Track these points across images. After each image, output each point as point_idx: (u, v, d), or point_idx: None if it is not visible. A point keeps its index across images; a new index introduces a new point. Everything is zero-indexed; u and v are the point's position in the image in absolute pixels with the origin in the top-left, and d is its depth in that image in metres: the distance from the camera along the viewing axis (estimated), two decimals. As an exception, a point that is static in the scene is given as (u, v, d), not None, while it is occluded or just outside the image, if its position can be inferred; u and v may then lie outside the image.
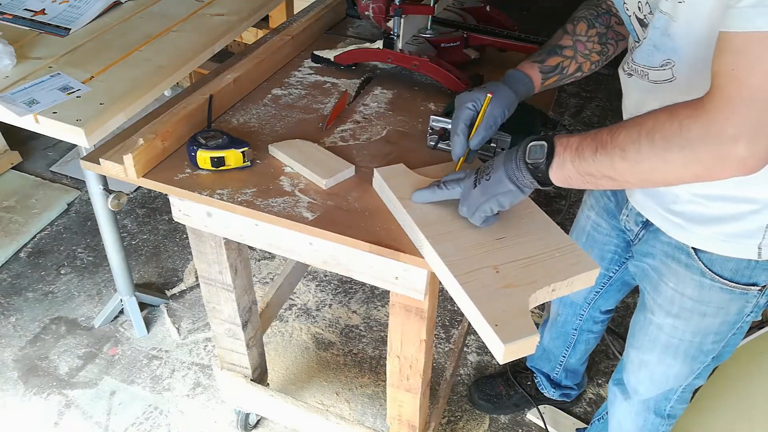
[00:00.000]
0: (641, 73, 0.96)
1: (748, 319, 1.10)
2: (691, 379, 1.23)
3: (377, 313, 2.09)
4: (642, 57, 0.94)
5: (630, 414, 1.37)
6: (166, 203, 2.40)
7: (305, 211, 1.01)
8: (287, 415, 1.53)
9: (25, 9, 1.62)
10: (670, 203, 1.02)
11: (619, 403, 1.40)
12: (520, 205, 0.98)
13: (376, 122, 1.25)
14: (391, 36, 1.33)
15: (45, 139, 2.72)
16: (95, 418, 1.75)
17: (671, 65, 0.90)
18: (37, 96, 1.30)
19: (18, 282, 2.14)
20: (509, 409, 1.80)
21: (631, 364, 1.29)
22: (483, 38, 1.43)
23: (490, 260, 0.89)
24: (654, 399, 1.31)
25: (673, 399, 1.30)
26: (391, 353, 1.21)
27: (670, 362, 1.19)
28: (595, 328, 1.58)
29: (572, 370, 1.72)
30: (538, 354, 1.77)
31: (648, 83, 0.95)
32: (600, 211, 1.28)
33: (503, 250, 0.91)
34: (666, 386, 1.26)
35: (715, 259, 1.01)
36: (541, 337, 1.73)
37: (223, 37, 1.60)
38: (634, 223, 1.16)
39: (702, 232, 1.00)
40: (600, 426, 1.58)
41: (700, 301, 1.07)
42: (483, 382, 1.84)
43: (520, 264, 0.89)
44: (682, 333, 1.13)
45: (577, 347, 1.63)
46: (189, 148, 1.07)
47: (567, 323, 1.58)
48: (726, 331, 1.12)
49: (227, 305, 1.36)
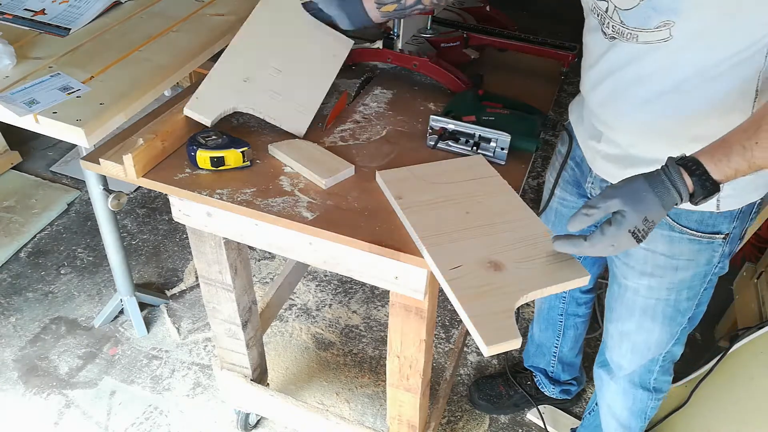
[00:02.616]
0: (628, 36, 0.95)
1: (716, 270, 1.15)
2: (671, 345, 1.27)
3: (377, 313, 2.09)
4: (634, 19, 0.93)
5: (618, 394, 1.40)
6: (166, 203, 2.40)
7: (305, 211, 1.01)
8: (287, 415, 1.53)
9: (25, 9, 1.62)
10: (629, 165, 1.05)
11: (606, 385, 1.43)
12: (518, 209, 1.00)
13: (376, 122, 1.25)
14: (391, 36, 1.33)
15: (45, 139, 2.72)
16: (95, 418, 1.75)
17: (670, 26, 0.89)
18: (37, 96, 1.30)
19: (18, 282, 2.14)
20: (509, 409, 1.80)
21: (611, 339, 1.33)
22: (483, 38, 1.43)
23: (482, 260, 0.90)
24: (638, 372, 1.34)
25: (656, 370, 1.33)
26: (391, 353, 1.21)
27: (649, 326, 1.23)
28: (579, 311, 1.62)
29: (568, 363, 1.74)
30: (533, 351, 1.78)
31: (637, 44, 0.95)
32: (564, 184, 1.31)
33: (498, 253, 0.92)
34: (648, 355, 1.29)
35: (680, 213, 1.07)
36: (532, 333, 1.76)
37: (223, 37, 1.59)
38: (599, 188, 1.18)
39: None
40: (591, 419, 1.59)
41: (671, 255, 1.11)
42: (483, 382, 1.85)
43: (513, 266, 0.89)
44: (658, 292, 1.18)
45: (566, 334, 1.66)
46: (189, 148, 1.07)
47: (552, 309, 1.63)
48: (698, 285, 1.17)
49: (227, 305, 1.36)
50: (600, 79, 1.05)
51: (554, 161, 1.34)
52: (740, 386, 1.46)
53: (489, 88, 1.35)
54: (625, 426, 1.45)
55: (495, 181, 1.07)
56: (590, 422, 1.60)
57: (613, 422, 1.46)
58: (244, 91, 1.15)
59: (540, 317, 1.68)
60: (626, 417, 1.43)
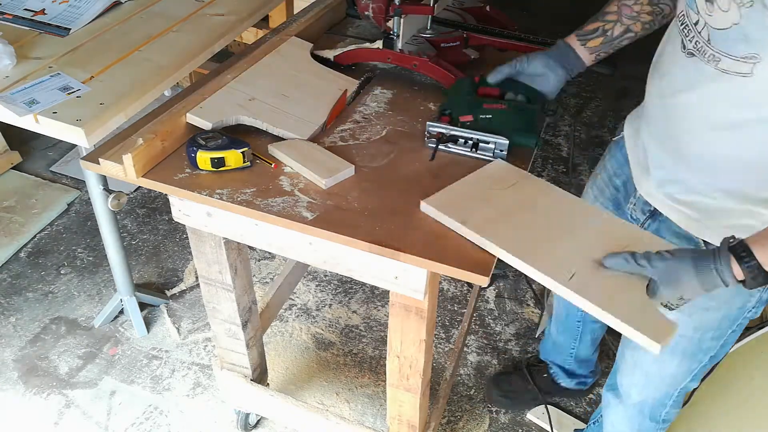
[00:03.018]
0: (711, 58, 0.90)
1: (748, 314, 1.10)
2: (688, 381, 1.23)
3: (377, 313, 2.09)
4: (722, 42, 0.87)
5: (624, 419, 1.37)
6: (166, 203, 2.40)
7: (305, 211, 1.01)
8: (287, 415, 1.53)
9: (25, 9, 1.62)
10: (678, 193, 1.02)
11: (613, 408, 1.39)
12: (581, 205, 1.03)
13: (376, 122, 1.25)
14: (391, 36, 1.33)
15: (45, 139, 2.72)
16: (95, 418, 1.75)
17: (755, 61, 0.85)
18: (37, 96, 1.30)
19: (18, 282, 2.14)
20: (528, 403, 1.80)
21: (625, 364, 1.29)
22: (483, 38, 1.43)
23: (588, 261, 0.90)
24: (650, 405, 1.30)
25: (669, 404, 1.30)
26: (391, 353, 1.21)
27: (667, 359, 1.19)
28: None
29: (584, 360, 1.74)
30: (549, 347, 1.79)
31: (714, 70, 0.90)
32: (605, 201, 1.28)
33: (597, 252, 0.91)
34: (661, 389, 1.25)
35: None
36: (550, 331, 1.75)
37: (223, 37, 1.60)
38: (641, 212, 1.15)
39: (710, 224, 1.01)
40: (595, 429, 1.58)
41: (706, 295, 1.07)
42: (500, 379, 1.85)
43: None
44: (684, 329, 1.12)
45: (583, 338, 1.65)
46: (189, 149, 1.07)
47: (570, 317, 1.61)
48: (726, 327, 1.12)
49: (227, 305, 1.36)
50: (668, 92, 1.00)
51: (598, 173, 1.31)
52: (740, 386, 1.46)
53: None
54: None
55: (535, 182, 1.06)
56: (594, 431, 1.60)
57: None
58: (248, 106, 1.18)
59: (558, 321, 1.66)
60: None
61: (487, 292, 2.19)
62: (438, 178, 1.09)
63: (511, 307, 2.14)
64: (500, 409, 1.82)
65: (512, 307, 2.14)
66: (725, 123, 0.92)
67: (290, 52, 1.37)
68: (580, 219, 0.98)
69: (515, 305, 2.15)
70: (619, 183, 1.23)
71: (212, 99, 1.18)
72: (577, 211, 1.01)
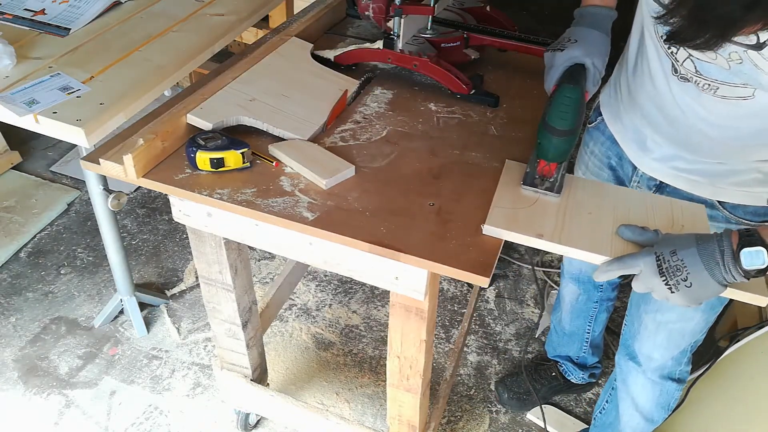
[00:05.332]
0: (707, 87, 0.90)
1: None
2: (702, 333, 1.26)
3: (377, 313, 2.09)
4: (716, 72, 0.87)
5: (645, 387, 1.38)
6: (166, 203, 2.40)
7: (305, 211, 1.01)
8: (287, 415, 1.53)
9: (25, 9, 1.62)
10: (683, 164, 1.06)
11: (633, 378, 1.39)
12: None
13: (376, 122, 1.25)
14: (391, 36, 1.33)
15: (45, 139, 2.72)
16: (95, 418, 1.75)
17: (754, 89, 0.86)
18: (37, 96, 1.30)
19: (18, 282, 2.14)
20: (538, 404, 1.80)
21: (645, 330, 1.30)
22: (483, 38, 1.43)
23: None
24: (669, 366, 1.33)
25: (684, 361, 1.33)
26: (391, 353, 1.21)
27: (692, 315, 1.21)
28: (612, 295, 1.64)
29: (596, 345, 1.76)
30: (558, 341, 1.80)
31: (713, 97, 0.91)
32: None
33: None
34: (681, 345, 1.28)
35: (736, 206, 1.07)
36: (561, 326, 1.76)
37: (223, 37, 1.60)
38: (646, 187, 1.17)
39: (720, 184, 1.05)
40: (603, 417, 1.58)
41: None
42: (509, 380, 1.85)
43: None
44: None
45: (599, 317, 1.68)
46: (188, 150, 1.07)
47: (589, 300, 1.63)
48: None
49: (227, 305, 1.36)
50: (667, 106, 1.01)
51: (586, 161, 1.31)
52: (740, 386, 1.46)
53: (489, 88, 1.35)
54: (648, 419, 1.42)
55: (570, 179, 1.06)
56: (602, 421, 1.59)
57: (636, 416, 1.43)
58: (249, 107, 1.18)
59: (572, 309, 1.67)
60: (650, 409, 1.40)
61: (487, 292, 2.19)
62: (438, 178, 1.10)
63: (511, 307, 2.14)
64: (500, 409, 1.82)
65: (512, 307, 2.14)
66: (731, 125, 0.95)
67: (290, 53, 1.38)
68: (622, 204, 1.00)
69: (515, 305, 2.15)
70: (614, 162, 1.24)
71: (212, 99, 1.18)
72: (610, 193, 1.03)
